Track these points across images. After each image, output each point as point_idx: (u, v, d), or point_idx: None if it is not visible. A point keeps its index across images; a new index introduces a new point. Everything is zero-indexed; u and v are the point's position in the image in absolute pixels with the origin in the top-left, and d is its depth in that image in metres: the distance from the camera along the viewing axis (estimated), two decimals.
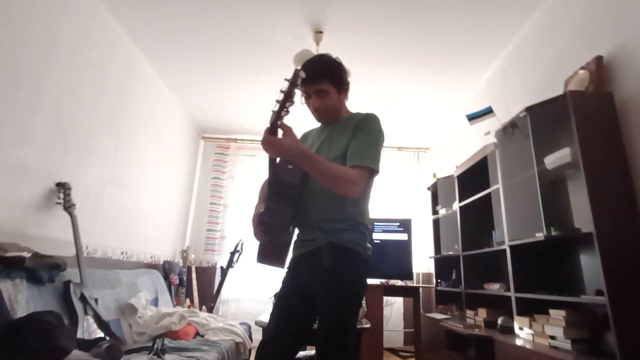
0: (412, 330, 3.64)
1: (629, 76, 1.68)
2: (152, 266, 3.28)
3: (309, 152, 1.16)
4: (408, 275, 3.56)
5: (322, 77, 1.28)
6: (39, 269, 1.71)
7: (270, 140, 1.10)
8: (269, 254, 1.35)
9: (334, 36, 2.75)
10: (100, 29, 2.47)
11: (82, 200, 2.35)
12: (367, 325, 1.88)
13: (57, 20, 2.09)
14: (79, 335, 1.72)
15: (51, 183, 2.09)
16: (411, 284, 3.61)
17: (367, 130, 1.27)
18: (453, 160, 3.55)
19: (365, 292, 1.34)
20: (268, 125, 1.12)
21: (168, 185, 3.74)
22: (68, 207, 2.10)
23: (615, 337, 1.38)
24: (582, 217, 1.76)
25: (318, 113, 1.34)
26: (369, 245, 1.29)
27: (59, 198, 2.09)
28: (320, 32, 2.71)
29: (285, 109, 1.09)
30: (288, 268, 1.35)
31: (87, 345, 1.59)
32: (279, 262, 1.36)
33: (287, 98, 1.07)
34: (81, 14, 2.27)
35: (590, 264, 1.78)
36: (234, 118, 4.23)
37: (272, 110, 1.10)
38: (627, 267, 1.47)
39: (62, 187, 2.11)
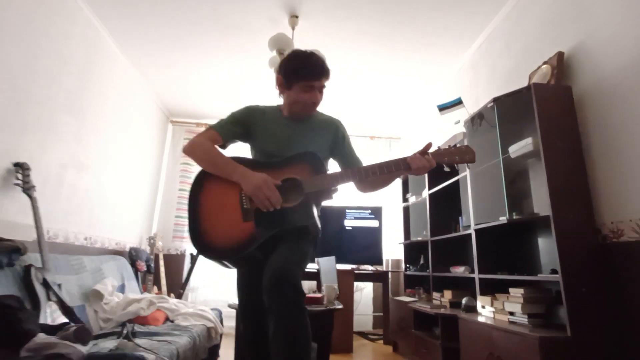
0: (381, 314, 3.77)
1: (586, 71, 1.80)
2: (117, 253, 3.17)
3: None
4: (378, 260, 3.67)
5: (328, 76, 1.40)
6: None
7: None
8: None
9: (309, 21, 2.73)
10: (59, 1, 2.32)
11: (43, 183, 2.22)
12: (340, 306, 1.93)
13: None
14: (42, 321, 1.65)
15: (8, 163, 1.96)
16: (381, 269, 3.73)
17: (349, 141, 1.53)
18: None
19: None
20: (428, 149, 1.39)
21: (134, 169, 3.60)
22: (27, 188, 1.98)
23: (566, 310, 1.50)
24: (541, 202, 1.89)
25: (314, 107, 1.43)
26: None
27: (18, 179, 1.97)
28: (296, 17, 2.68)
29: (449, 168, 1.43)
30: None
31: (52, 330, 1.53)
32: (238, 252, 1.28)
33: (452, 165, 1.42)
34: None
35: (547, 246, 1.92)
36: (205, 102, 4.12)
37: (440, 147, 1.42)
38: (579, 247, 1.60)
39: (21, 168, 1.99)
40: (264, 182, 1.23)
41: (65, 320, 1.78)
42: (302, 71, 1.35)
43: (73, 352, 1.24)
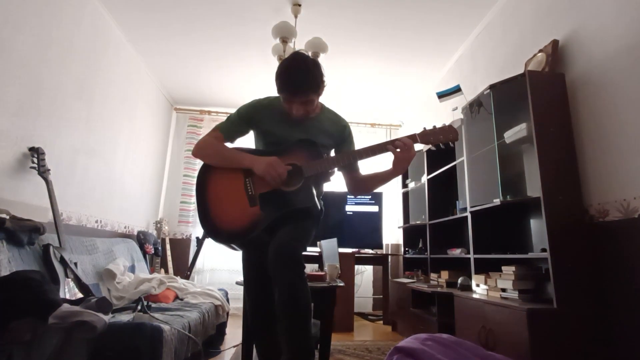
0: (381, 296, 3.90)
1: (579, 59, 1.87)
2: (126, 236, 3.28)
3: None
4: (378, 244, 3.79)
5: (309, 92, 1.35)
6: (18, 231, 1.72)
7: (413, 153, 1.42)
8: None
9: (311, 9, 2.78)
10: None
11: (55, 167, 2.30)
12: (342, 284, 2.03)
13: None
14: (61, 296, 1.76)
15: (24, 147, 2.05)
16: (381, 253, 3.84)
17: (353, 141, 1.59)
18: None
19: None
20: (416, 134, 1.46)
21: (140, 155, 3.69)
22: (43, 172, 2.07)
23: (553, 285, 1.60)
24: (535, 185, 1.97)
25: (299, 119, 1.42)
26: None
27: (33, 163, 2.06)
28: (299, 5, 2.73)
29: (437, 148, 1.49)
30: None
31: (73, 304, 1.63)
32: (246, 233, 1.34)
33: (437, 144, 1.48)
34: None
35: (538, 226, 2.01)
36: (208, 90, 4.18)
37: (425, 129, 1.48)
38: (568, 227, 1.69)
39: (36, 152, 2.08)
40: (274, 160, 1.34)
41: (82, 296, 1.89)
42: (280, 85, 1.35)
43: (97, 319, 1.34)
